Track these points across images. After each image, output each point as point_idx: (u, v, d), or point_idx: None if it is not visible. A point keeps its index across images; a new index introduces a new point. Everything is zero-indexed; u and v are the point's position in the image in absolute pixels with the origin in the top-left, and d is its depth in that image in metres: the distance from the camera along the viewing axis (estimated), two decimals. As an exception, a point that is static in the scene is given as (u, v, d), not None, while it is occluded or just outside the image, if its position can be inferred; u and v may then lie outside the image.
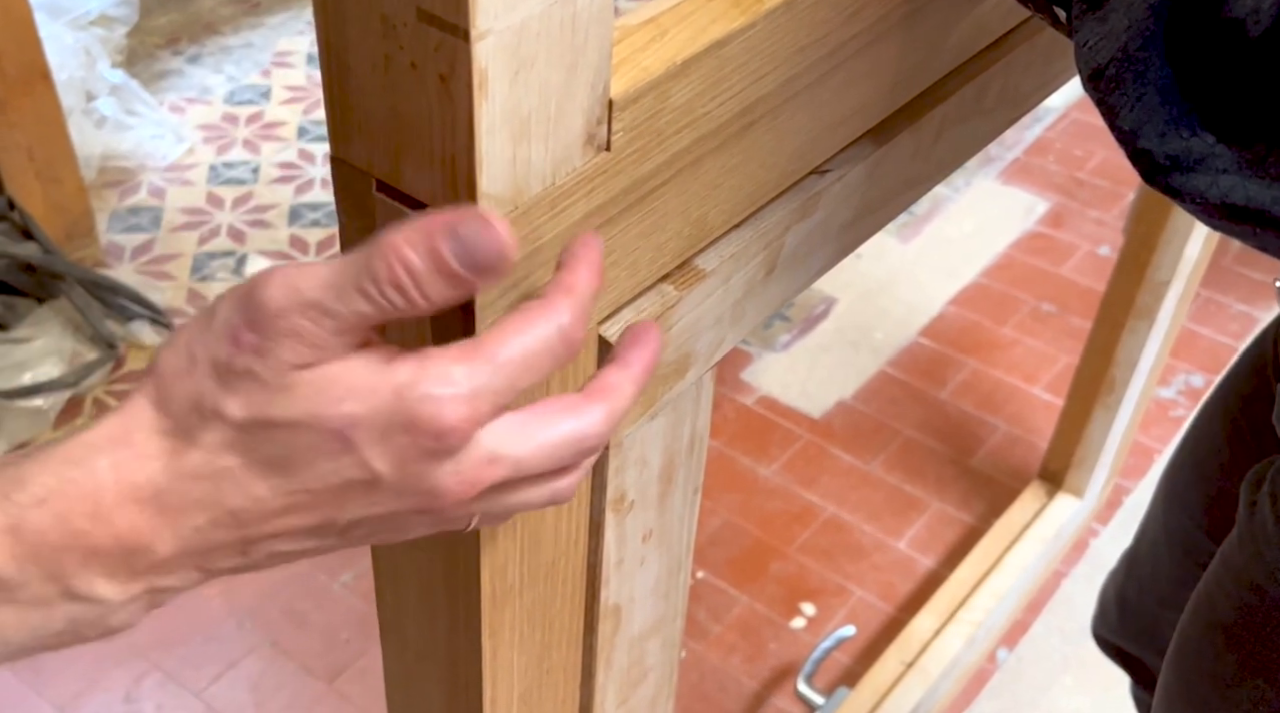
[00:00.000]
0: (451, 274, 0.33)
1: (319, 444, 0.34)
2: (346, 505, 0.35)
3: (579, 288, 0.36)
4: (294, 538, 0.36)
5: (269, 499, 0.34)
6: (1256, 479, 0.69)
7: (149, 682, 1.43)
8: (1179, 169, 0.38)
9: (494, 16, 0.33)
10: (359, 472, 0.34)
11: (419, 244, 0.33)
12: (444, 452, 0.34)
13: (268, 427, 0.34)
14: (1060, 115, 2.38)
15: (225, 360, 0.34)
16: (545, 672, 0.53)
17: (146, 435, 0.34)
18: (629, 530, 0.53)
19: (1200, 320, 1.97)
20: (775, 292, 0.54)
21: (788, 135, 0.49)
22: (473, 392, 0.34)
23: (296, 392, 0.33)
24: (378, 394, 0.33)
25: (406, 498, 0.35)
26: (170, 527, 0.34)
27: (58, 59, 1.93)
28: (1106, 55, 0.38)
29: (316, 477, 0.34)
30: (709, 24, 0.42)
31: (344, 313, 0.33)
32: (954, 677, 1.45)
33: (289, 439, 0.34)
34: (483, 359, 0.34)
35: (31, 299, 1.75)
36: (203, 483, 0.34)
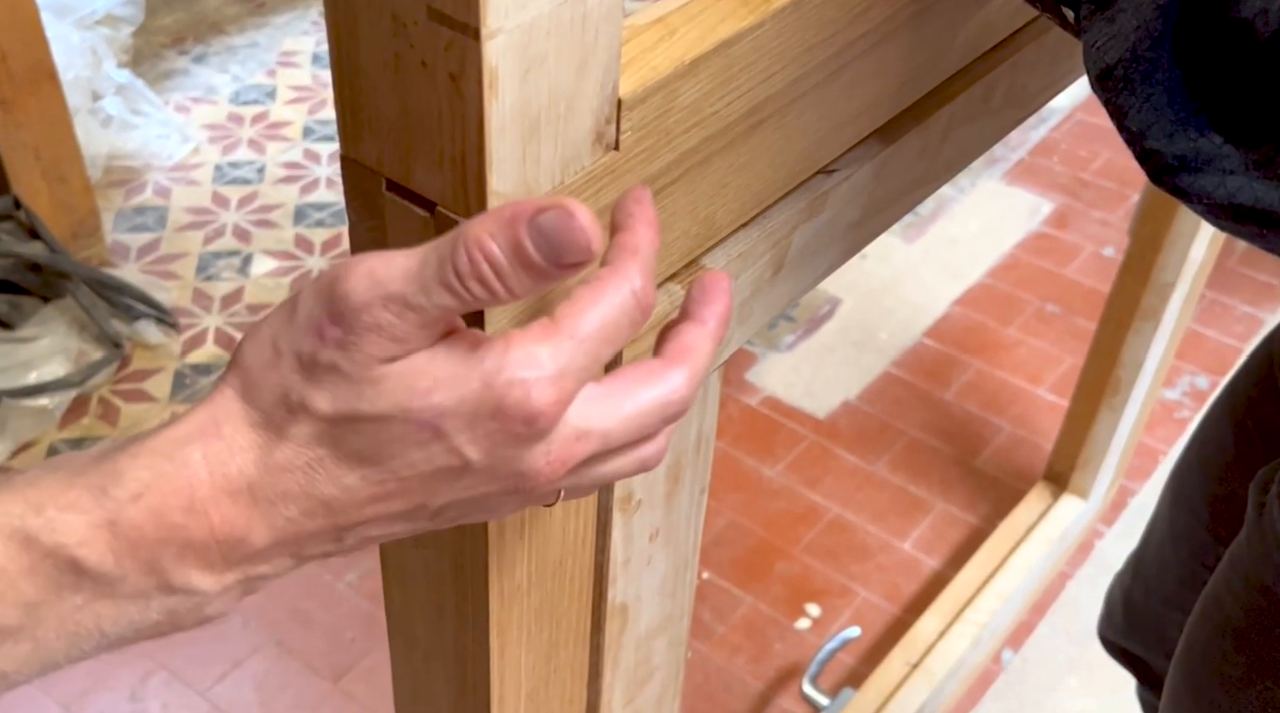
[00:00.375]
0: (534, 266, 0.32)
1: (409, 435, 0.34)
2: (437, 491, 0.35)
3: (642, 247, 0.36)
4: (386, 522, 0.36)
5: (360, 488, 0.35)
6: (1265, 481, 0.69)
7: (154, 681, 1.43)
8: (1187, 170, 0.38)
9: (504, 15, 0.33)
10: (449, 459, 0.34)
11: (501, 236, 0.32)
12: (534, 436, 0.34)
13: (356, 420, 0.34)
14: (1065, 116, 2.38)
15: (310, 354, 0.34)
16: (552, 670, 0.53)
17: (236, 427, 0.34)
18: (636, 530, 0.53)
19: (1205, 322, 1.97)
20: (782, 291, 0.54)
21: (795, 135, 0.49)
22: (559, 372, 0.34)
23: (383, 385, 0.33)
24: (465, 383, 0.33)
25: (497, 481, 0.35)
26: (264, 518, 0.34)
27: (64, 58, 1.93)
28: (1115, 56, 0.38)
29: (407, 465, 0.34)
30: (717, 23, 0.42)
31: (427, 306, 0.33)
32: (959, 678, 1.45)
33: (378, 431, 0.34)
34: (564, 336, 0.34)
35: (37, 298, 1.76)
36: (294, 474, 0.34)
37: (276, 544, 0.35)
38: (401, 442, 0.34)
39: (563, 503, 0.47)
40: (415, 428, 0.34)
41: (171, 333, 1.84)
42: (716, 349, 0.38)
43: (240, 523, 0.34)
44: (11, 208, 1.77)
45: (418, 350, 0.34)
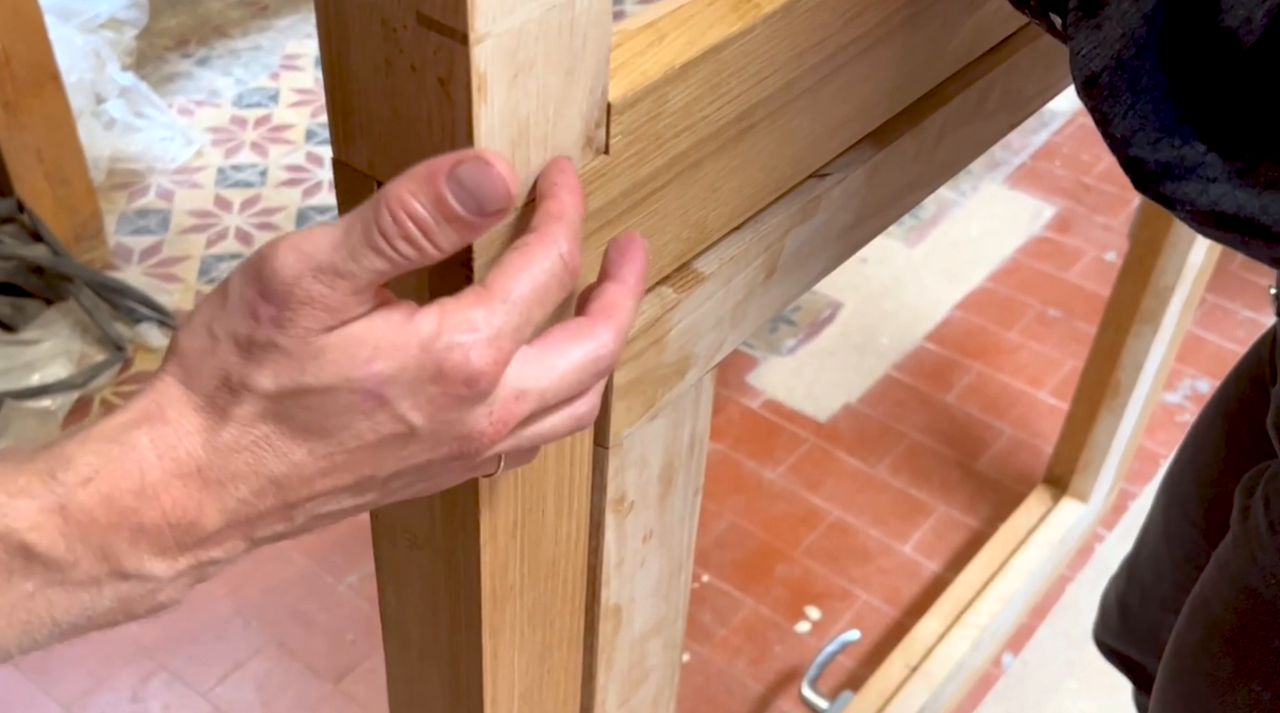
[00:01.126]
0: (458, 218, 0.33)
1: (354, 405, 0.34)
2: (384, 461, 0.36)
3: (567, 212, 0.37)
4: (335, 498, 0.36)
5: (308, 463, 0.35)
6: (1250, 484, 0.70)
7: (156, 681, 1.44)
8: (1170, 177, 0.38)
9: (492, 20, 0.33)
10: (395, 426, 0.35)
11: (422, 192, 0.33)
12: (475, 397, 0.35)
13: (300, 394, 0.34)
14: (1067, 120, 2.38)
15: (247, 335, 0.34)
16: (546, 672, 0.53)
17: (180, 412, 0.35)
18: (629, 531, 0.53)
19: (1206, 325, 1.97)
20: (776, 294, 0.54)
21: (788, 138, 0.49)
22: (495, 334, 0.34)
23: (325, 358, 0.34)
24: (405, 350, 0.34)
25: (442, 446, 0.36)
26: (215, 500, 0.35)
27: (67, 61, 1.94)
28: (1101, 63, 0.38)
29: (354, 436, 0.35)
30: (707, 28, 0.42)
31: (357, 272, 0.33)
32: (959, 681, 1.45)
33: (323, 404, 0.34)
34: (497, 300, 0.35)
35: (40, 300, 1.76)
36: (242, 455, 0.34)
37: (229, 527, 0.35)
38: (347, 412, 0.34)
39: (555, 507, 0.47)
40: (360, 397, 0.34)
41: (174, 335, 1.84)
42: (637, 304, 0.39)
43: (192, 506, 0.34)
44: (14, 210, 1.77)
45: (355, 319, 0.34)
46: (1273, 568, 0.65)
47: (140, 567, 0.35)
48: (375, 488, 0.37)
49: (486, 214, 0.33)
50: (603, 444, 0.48)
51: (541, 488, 0.46)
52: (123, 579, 0.35)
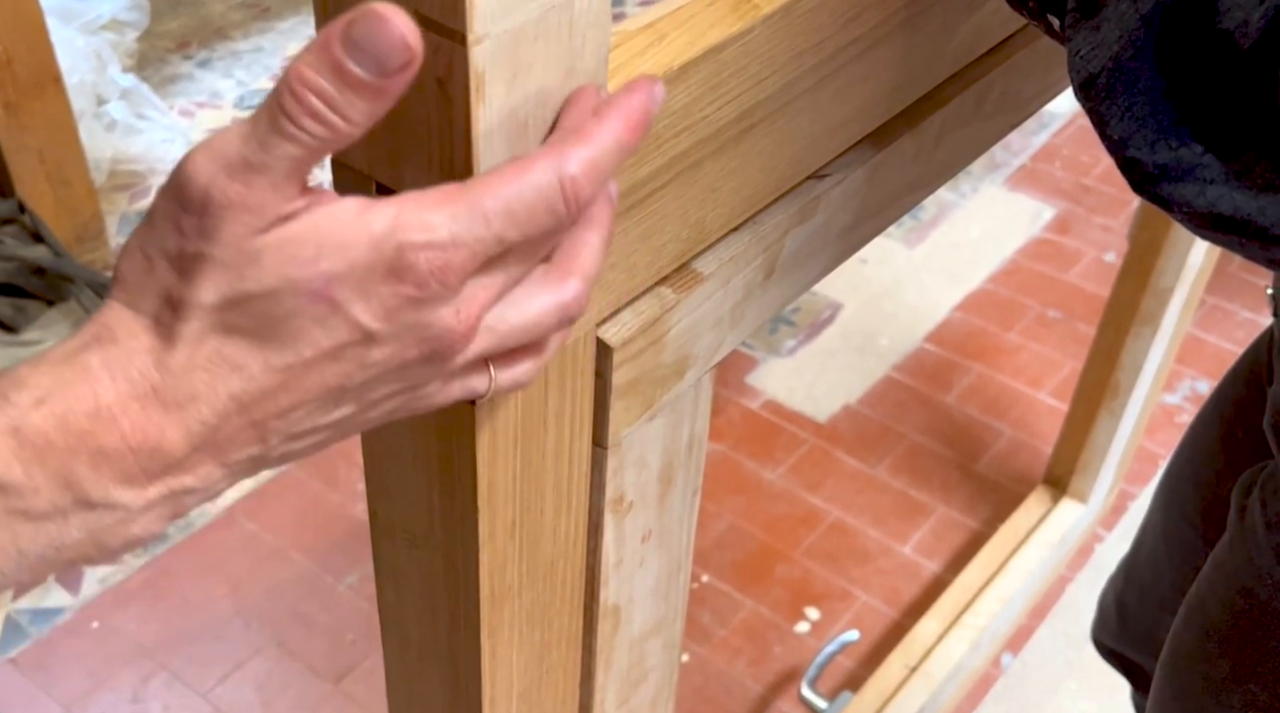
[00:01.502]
0: (361, 83, 0.31)
1: (302, 308, 0.32)
2: (348, 369, 0.34)
3: (599, 136, 0.34)
4: (308, 413, 0.34)
5: (266, 376, 0.33)
6: (1246, 485, 0.70)
7: (156, 682, 1.44)
8: (1167, 178, 0.38)
9: (491, 21, 0.33)
10: (350, 332, 0.33)
11: (319, 63, 0.30)
12: (433, 297, 0.33)
13: (244, 302, 0.32)
14: (1067, 121, 2.38)
15: (176, 250, 0.32)
16: (545, 671, 0.53)
17: (129, 331, 0.33)
18: (628, 531, 0.53)
19: (1206, 326, 1.97)
20: (775, 295, 0.54)
21: (787, 139, 0.49)
22: (451, 239, 0.32)
23: (263, 261, 0.32)
24: (352, 248, 0.32)
25: (409, 347, 0.34)
26: (177, 422, 0.33)
27: (69, 63, 1.94)
28: (1098, 64, 0.38)
29: (308, 344, 0.33)
30: (707, 29, 0.43)
31: (270, 162, 0.31)
32: (958, 682, 1.45)
33: (269, 309, 0.32)
34: (466, 205, 0.33)
35: (41, 301, 1.76)
36: (198, 373, 0.33)
37: (196, 451, 0.33)
38: (297, 317, 0.33)
39: (554, 507, 0.48)
40: (307, 300, 0.32)
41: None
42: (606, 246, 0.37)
43: (153, 429, 0.33)
44: (15, 211, 1.78)
45: (290, 218, 0.32)
46: (1269, 569, 0.65)
47: (106, 495, 0.33)
48: (350, 399, 0.35)
49: (389, 74, 0.30)
50: (601, 444, 0.48)
51: (540, 487, 0.46)
52: (89, 509, 0.33)
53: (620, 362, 0.46)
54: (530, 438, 0.44)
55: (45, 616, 1.49)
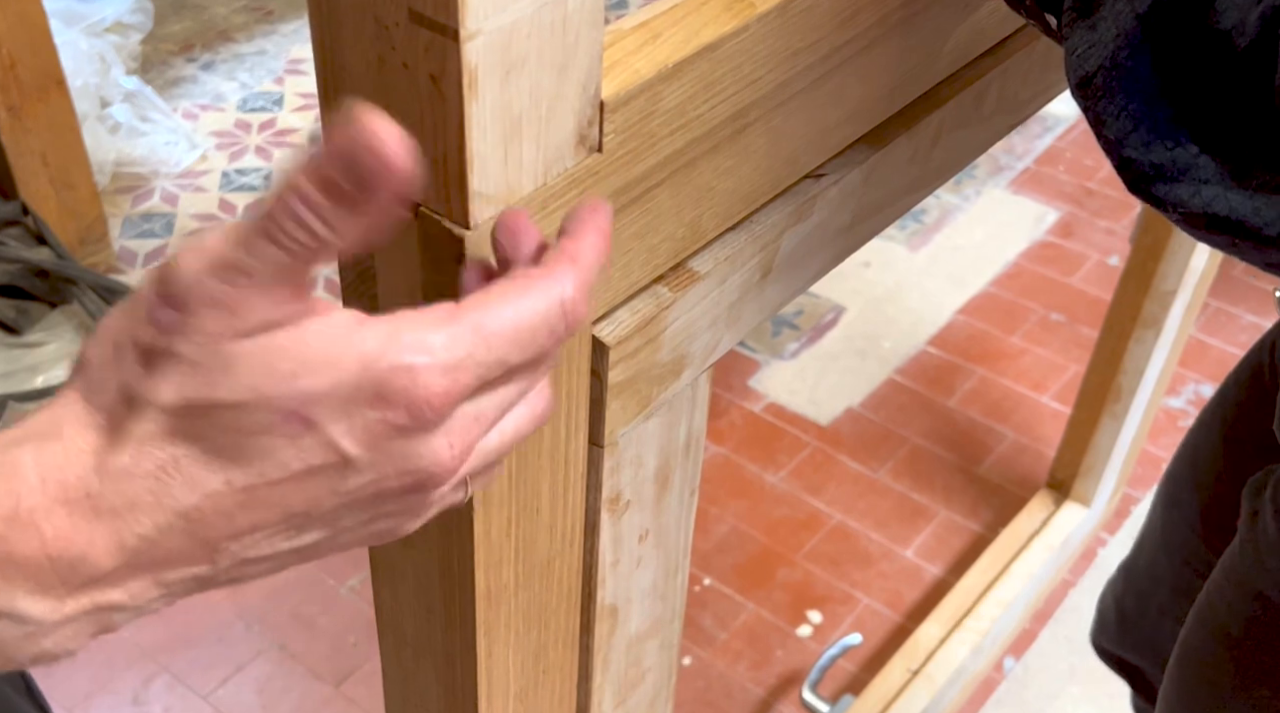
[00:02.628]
0: (349, 198, 0.29)
1: (273, 426, 0.30)
2: (319, 496, 0.31)
3: (584, 255, 0.33)
4: (266, 538, 0.32)
5: (225, 495, 0.30)
6: (1257, 487, 0.69)
7: (157, 684, 1.44)
8: (1163, 178, 0.38)
9: (484, 17, 0.33)
10: (325, 455, 0.30)
11: (311, 172, 0.29)
12: (422, 428, 0.31)
13: (208, 411, 0.30)
14: (1071, 125, 2.38)
15: (148, 343, 0.30)
16: (541, 671, 0.53)
17: (75, 430, 0.30)
18: (625, 531, 0.53)
19: (1210, 330, 1.96)
20: (772, 294, 0.54)
21: (783, 138, 0.49)
22: (453, 363, 0.30)
23: (237, 368, 0.29)
24: (339, 366, 0.30)
25: (389, 480, 0.31)
26: (110, 533, 0.30)
27: (73, 65, 1.94)
28: (1095, 64, 0.38)
29: (276, 465, 0.30)
30: (701, 27, 0.43)
31: (254, 264, 0.29)
32: (960, 686, 1.45)
33: (236, 423, 0.30)
34: (467, 327, 0.31)
35: (44, 303, 1.77)
36: (143, 480, 0.30)
37: (129, 567, 0.30)
38: (266, 435, 0.30)
39: (550, 506, 0.48)
40: (280, 418, 0.30)
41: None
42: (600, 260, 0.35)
43: (80, 539, 0.30)
44: (19, 213, 1.78)
45: (276, 325, 0.30)
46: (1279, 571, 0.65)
47: (13, 605, 0.30)
48: (317, 526, 0.32)
49: (371, 186, 0.29)
50: (598, 443, 0.48)
51: (536, 486, 0.46)
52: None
53: (616, 360, 0.46)
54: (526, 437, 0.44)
55: (47, 617, 1.49)
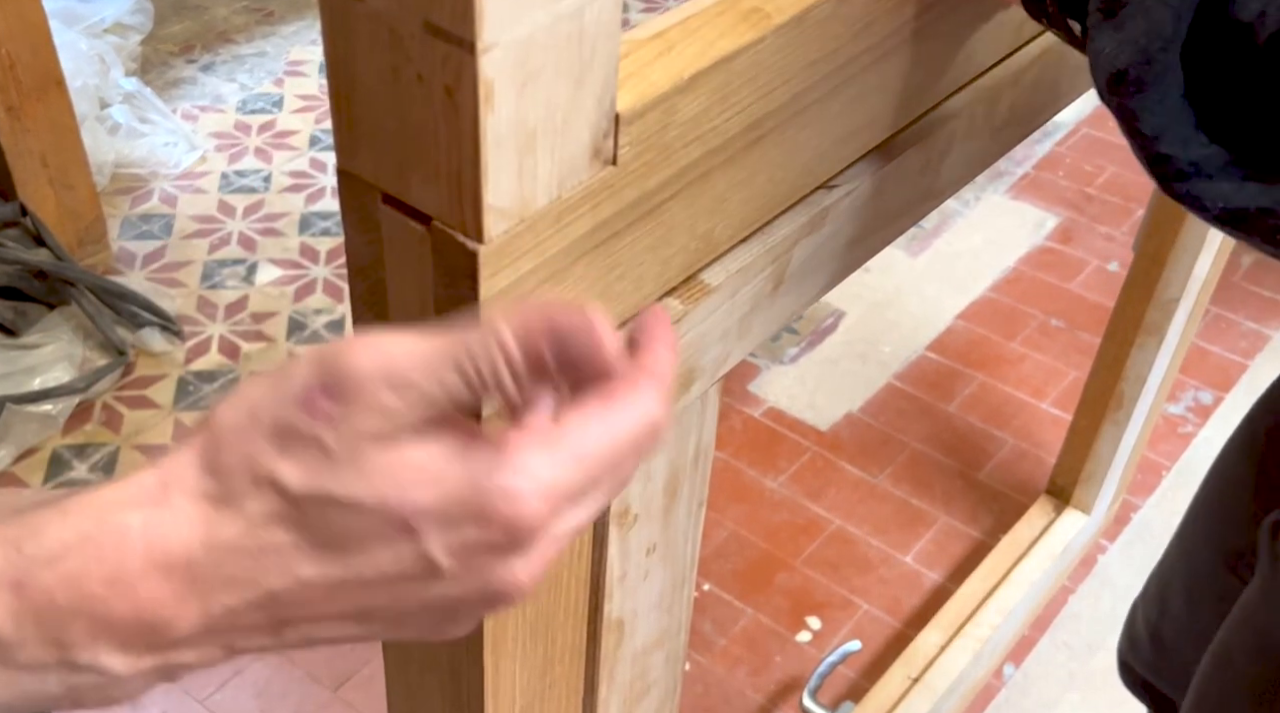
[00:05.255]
0: (548, 373, 0.31)
1: (380, 531, 0.30)
2: (399, 596, 0.32)
3: (661, 369, 0.34)
4: (338, 624, 0.32)
5: (315, 584, 0.31)
6: (1273, 526, 0.68)
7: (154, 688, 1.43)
8: (1201, 175, 0.37)
9: (500, 29, 0.33)
10: (418, 564, 0.31)
11: (523, 339, 0.31)
12: (513, 548, 0.31)
13: (326, 504, 0.30)
14: (1070, 130, 2.38)
15: (292, 424, 0.30)
16: (548, 685, 0.53)
17: (187, 498, 0.31)
18: (633, 544, 0.52)
19: (1210, 337, 1.96)
20: (782, 306, 0.54)
21: (796, 150, 0.49)
22: (552, 489, 0.31)
23: (366, 469, 0.30)
24: (450, 481, 0.31)
25: (470, 594, 0.32)
26: (199, 603, 0.31)
27: (72, 66, 1.94)
28: (1126, 60, 0.37)
29: (372, 565, 0.31)
30: (717, 39, 0.42)
31: (435, 392, 0.31)
32: (960, 693, 1.44)
33: (347, 521, 0.30)
34: (566, 450, 0.31)
35: (42, 305, 1.76)
36: (244, 559, 0.30)
37: (206, 633, 0.31)
38: (372, 538, 0.30)
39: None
40: (389, 524, 0.30)
41: (176, 340, 1.84)
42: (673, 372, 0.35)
43: (170, 605, 0.30)
44: (18, 214, 1.77)
45: (409, 440, 0.31)
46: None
47: (95, 660, 0.31)
48: (387, 621, 0.33)
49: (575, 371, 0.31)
50: (607, 456, 0.48)
51: (545, 500, 0.46)
52: (73, 671, 0.31)
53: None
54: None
55: (43, 620, 1.49)
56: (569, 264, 0.40)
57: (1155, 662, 0.97)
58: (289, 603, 0.31)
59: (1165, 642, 0.95)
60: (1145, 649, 0.98)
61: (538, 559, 0.32)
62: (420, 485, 0.30)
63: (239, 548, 0.30)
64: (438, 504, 0.31)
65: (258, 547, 0.30)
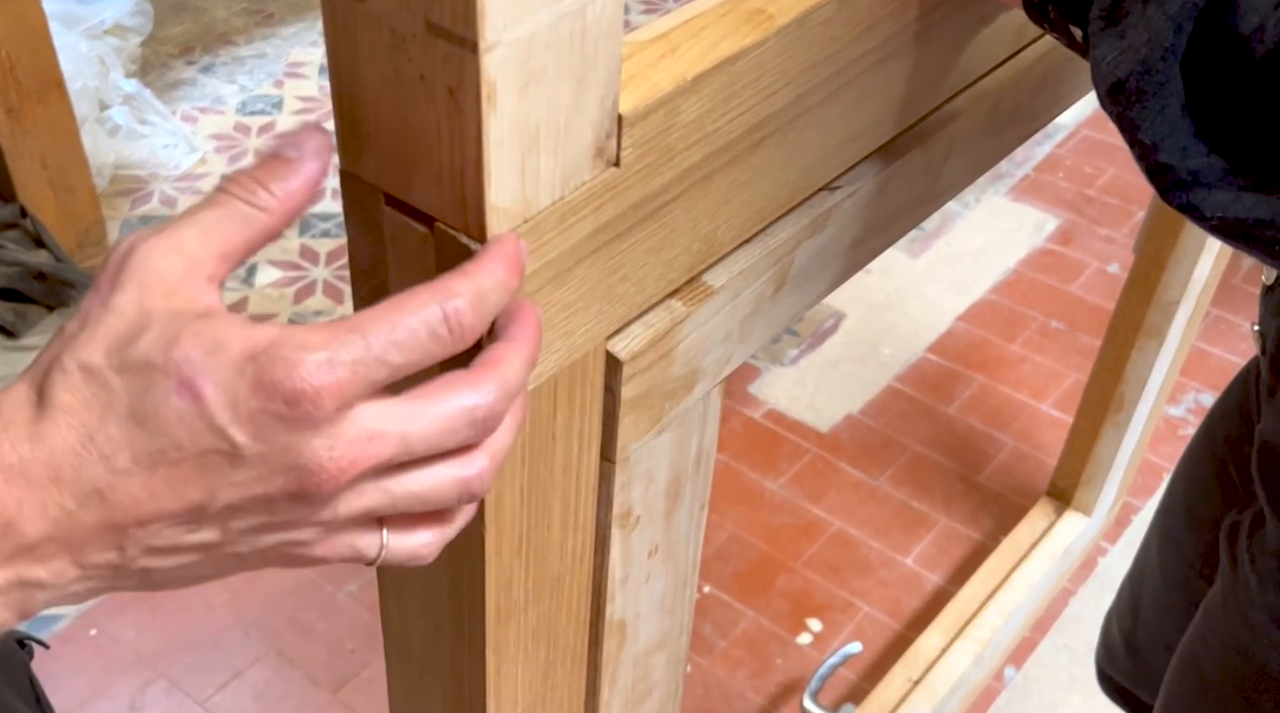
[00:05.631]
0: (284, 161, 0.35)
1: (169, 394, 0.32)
2: (214, 484, 0.33)
3: (475, 273, 0.35)
4: (170, 528, 0.33)
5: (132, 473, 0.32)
6: (1231, 530, 0.68)
7: (154, 690, 1.43)
8: (1200, 184, 0.37)
9: (503, 29, 0.33)
10: (215, 439, 0.32)
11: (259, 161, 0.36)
12: (303, 420, 0.32)
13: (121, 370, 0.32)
14: (1071, 132, 2.38)
15: (86, 308, 0.33)
16: (550, 688, 0.53)
17: (14, 406, 0.33)
18: (635, 546, 0.52)
19: (1210, 339, 1.96)
20: (784, 308, 0.54)
21: (798, 152, 0.49)
22: (331, 358, 0.32)
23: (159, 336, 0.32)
24: (228, 352, 0.32)
25: (275, 476, 0.33)
26: (36, 502, 0.32)
27: (72, 68, 1.94)
28: (1127, 69, 0.37)
29: (174, 444, 0.32)
30: (720, 40, 0.42)
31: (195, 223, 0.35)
32: (961, 695, 1.44)
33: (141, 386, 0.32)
34: (347, 329, 0.33)
35: (42, 306, 1.76)
36: (65, 453, 0.32)
37: (51, 541, 0.32)
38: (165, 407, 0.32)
39: (561, 522, 0.47)
40: (175, 384, 0.32)
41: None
42: (529, 367, 0.36)
43: (9, 504, 0.32)
44: (17, 216, 1.77)
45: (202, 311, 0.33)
46: (1264, 628, 0.64)
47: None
48: (211, 522, 0.33)
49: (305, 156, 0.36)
50: (609, 459, 0.47)
51: (547, 503, 0.46)
52: None
53: (630, 375, 0.45)
54: (538, 453, 0.43)
55: (43, 623, 1.48)
56: (572, 265, 0.40)
57: (1131, 669, 0.98)
58: (115, 501, 0.32)
59: (1139, 648, 0.96)
60: (1121, 657, 0.99)
61: (343, 446, 0.33)
62: (201, 347, 0.32)
63: (58, 441, 0.32)
64: (218, 367, 0.32)
65: (75, 439, 0.32)
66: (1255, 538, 0.66)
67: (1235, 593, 0.66)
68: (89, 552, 0.33)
